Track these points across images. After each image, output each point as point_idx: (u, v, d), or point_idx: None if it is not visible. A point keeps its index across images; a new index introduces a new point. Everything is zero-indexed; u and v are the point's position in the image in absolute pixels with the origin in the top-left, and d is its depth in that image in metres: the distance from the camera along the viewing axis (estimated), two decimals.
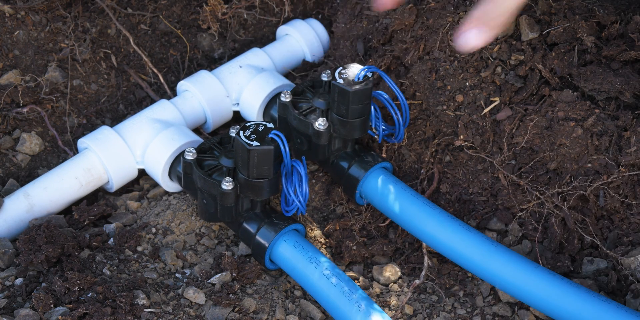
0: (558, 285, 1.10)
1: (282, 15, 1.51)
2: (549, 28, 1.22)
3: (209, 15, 1.44)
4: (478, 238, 1.16)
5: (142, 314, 1.11)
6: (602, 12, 1.20)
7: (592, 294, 1.09)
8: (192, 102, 1.35)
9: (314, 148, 1.22)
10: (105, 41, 1.45)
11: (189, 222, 1.27)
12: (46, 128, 1.39)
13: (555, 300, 1.10)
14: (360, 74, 1.16)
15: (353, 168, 1.25)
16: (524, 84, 1.23)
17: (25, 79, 1.37)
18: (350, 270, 1.26)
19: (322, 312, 1.19)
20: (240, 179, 1.13)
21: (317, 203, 1.32)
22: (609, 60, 1.19)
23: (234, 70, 1.38)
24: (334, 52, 1.43)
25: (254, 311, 1.16)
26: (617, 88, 1.16)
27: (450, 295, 1.23)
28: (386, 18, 1.36)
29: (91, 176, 1.27)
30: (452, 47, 1.26)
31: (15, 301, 1.12)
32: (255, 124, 1.12)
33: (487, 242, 1.16)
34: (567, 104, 1.18)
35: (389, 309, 1.21)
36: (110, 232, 1.24)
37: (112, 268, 1.19)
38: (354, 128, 1.19)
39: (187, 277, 1.20)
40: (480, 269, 1.16)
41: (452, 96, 1.26)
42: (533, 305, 1.13)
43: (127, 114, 1.45)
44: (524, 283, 1.12)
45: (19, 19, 1.39)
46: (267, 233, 1.18)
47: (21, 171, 1.35)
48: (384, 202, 1.23)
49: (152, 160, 1.27)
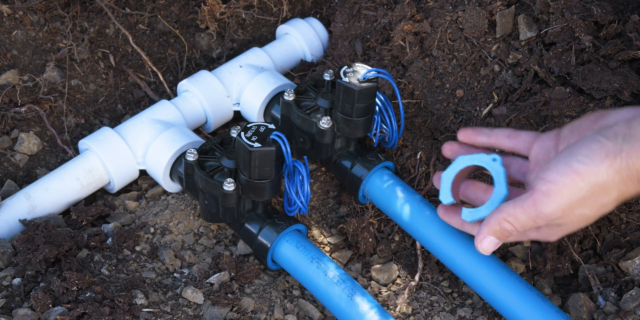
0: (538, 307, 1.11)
1: (280, 14, 1.51)
2: (547, 27, 1.22)
3: (207, 15, 1.43)
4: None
5: (140, 313, 1.11)
6: (600, 11, 1.20)
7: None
8: (192, 102, 1.35)
9: (317, 147, 1.23)
10: (103, 41, 1.45)
11: (188, 222, 1.27)
12: (44, 128, 1.39)
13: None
14: (367, 75, 1.16)
15: (356, 167, 1.25)
16: (521, 83, 1.23)
17: (23, 79, 1.37)
18: (350, 270, 1.26)
19: (321, 312, 1.19)
20: (242, 179, 1.13)
21: (316, 202, 1.32)
22: (607, 60, 1.19)
23: (234, 70, 1.38)
24: (333, 52, 1.43)
25: (253, 311, 1.16)
26: (615, 87, 1.16)
27: (448, 295, 1.23)
28: (384, 18, 1.36)
29: (92, 177, 1.27)
30: (451, 45, 1.26)
31: (13, 301, 1.12)
32: (257, 125, 1.12)
33: (488, 256, 1.16)
34: (560, 101, 1.18)
35: (388, 309, 1.21)
36: (109, 232, 1.24)
37: (110, 268, 1.19)
38: (358, 127, 1.20)
39: (185, 277, 1.20)
40: (470, 279, 1.17)
41: (451, 93, 1.26)
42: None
43: (125, 113, 1.45)
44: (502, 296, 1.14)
45: (17, 18, 1.39)
46: (269, 233, 1.18)
47: (19, 171, 1.35)
48: (387, 201, 1.23)
49: (153, 161, 1.27)
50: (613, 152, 0.91)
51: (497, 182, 1.03)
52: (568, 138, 1.01)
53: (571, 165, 0.92)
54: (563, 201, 0.94)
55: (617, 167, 0.91)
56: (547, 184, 0.94)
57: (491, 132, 1.09)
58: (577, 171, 0.92)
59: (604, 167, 0.91)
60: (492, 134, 1.09)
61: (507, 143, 1.08)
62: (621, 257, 1.18)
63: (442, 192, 1.06)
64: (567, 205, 0.94)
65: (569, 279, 1.23)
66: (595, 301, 1.17)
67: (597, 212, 0.95)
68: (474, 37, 1.25)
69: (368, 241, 1.26)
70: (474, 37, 1.25)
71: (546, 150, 1.03)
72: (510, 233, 0.99)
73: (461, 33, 1.26)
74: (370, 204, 1.27)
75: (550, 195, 0.94)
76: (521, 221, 0.97)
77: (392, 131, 1.24)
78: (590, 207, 0.94)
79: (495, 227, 0.99)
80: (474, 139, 1.09)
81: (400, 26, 1.30)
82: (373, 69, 1.17)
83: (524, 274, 1.22)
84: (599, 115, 0.99)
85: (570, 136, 1.00)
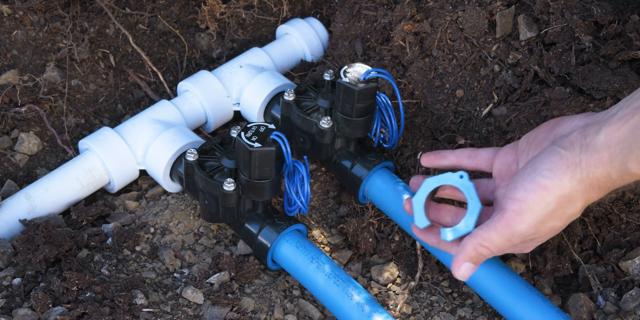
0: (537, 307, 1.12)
1: (280, 14, 1.51)
2: (547, 27, 1.22)
3: (207, 15, 1.43)
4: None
5: (140, 313, 1.11)
6: (600, 11, 1.20)
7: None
8: (192, 102, 1.35)
9: (317, 147, 1.23)
10: (103, 41, 1.45)
11: (188, 222, 1.27)
12: (44, 128, 1.39)
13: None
14: (367, 75, 1.16)
15: (356, 167, 1.25)
16: (521, 83, 1.23)
17: (23, 79, 1.37)
18: (349, 269, 1.26)
19: (321, 312, 1.19)
20: (242, 180, 1.13)
21: (315, 202, 1.32)
22: (607, 60, 1.19)
23: (235, 70, 1.38)
24: (333, 52, 1.43)
25: (253, 311, 1.16)
26: (615, 87, 1.16)
27: (448, 295, 1.23)
28: (384, 18, 1.36)
29: (92, 177, 1.27)
30: (451, 45, 1.27)
31: (13, 301, 1.12)
32: (257, 125, 1.12)
33: None
34: (560, 101, 1.18)
35: (388, 309, 1.21)
36: (109, 232, 1.24)
37: (110, 268, 1.19)
38: (358, 127, 1.20)
39: (185, 277, 1.20)
40: (470, 279, 1.17)
41: (451, 94, 1.26)
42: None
43: (125, 113, 1.45)
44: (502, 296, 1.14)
45: (17, 18, 1.39)
46: (269, 233, 1.18)
47: (19, 171, 1.35)
48: (387, 201, 1.23)
49: (153, 161, 1.27)
50: (573, 163, 0.92)
51: (469, 197, 1.03)
52: (526, 150, 1.02)
53: (536, 181, 0.94)
54: (535, 217, 0.95)
55: (579, 177, 0.92)
56: (516, 202, 0.95)
57: (452, 154, 1.11)
58: (543, 186, 0.93)
59: (567, 178, 0.93)
60: (454, 155, 1.11)
61: (469, 163, 1.10)
62: (621, 257, 1.19)
63: (416, 216, 1.06)
64: (538, 221, 0.95)
65: (569, 279, 1.23)
66: (595, 301, 1.17)
67: (566, 222, 0.97)
68: (474, 37, 1.25)
69: (368, 241, 1.26)
70: (474, 37, 1.25)
71: (507, 165, 1.05)
72: (487, 256, 1.00)
73: (461, 33, 1.26)
74: (370, 204, 1.27)
75: (521, 213, 0.95)
76: (497, 244, 0.98)
77: (392, 131, 1.24)
78: (559, 219, 0.96)
79: (471, 253, 1.00)
80: (437, 163, 1.12)
81: (400, 26, 1.30)
82: (373, 69, 1.17)
83: (524, 274, 1.22)
84: (554, 123, 1.00)
85: (529, 148, 1.02)
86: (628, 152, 0.88)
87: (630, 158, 0.88)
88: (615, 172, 0.90)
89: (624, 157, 0.89)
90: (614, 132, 0.89)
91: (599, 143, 0.90)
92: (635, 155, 0.88)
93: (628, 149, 0.88)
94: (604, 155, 0.90)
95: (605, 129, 0.90)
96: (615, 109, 0.92)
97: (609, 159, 0.90)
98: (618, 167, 0.89)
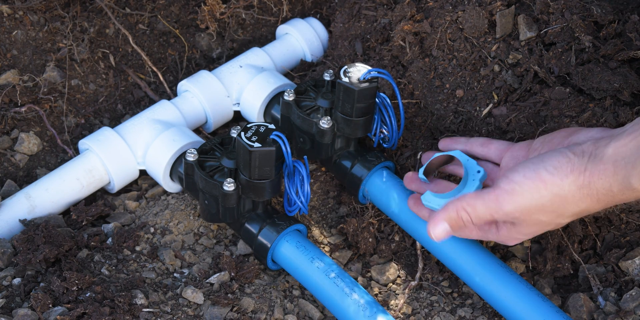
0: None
1: (280, 14, 1.51)
2: (547, 27, 1.22)
3: (207, 15, 1.43)
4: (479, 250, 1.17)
5: (140, 313, 1.11)
6: (600, 11, 1.20)
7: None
8: (192, 102, 1.35)
9: (317, 147, 1.23)
10: (103, 41, 1.45)
11: (188, 222, 1.27)
12: (44, 128, 1.39)
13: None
14: (367, 75, 1.16)
15: (356, 167, 1.25)
16: (521, 83, 1.23)
17: (23, 79, 1.37)
18: (350, 269, 1.26)
19: (321, 312, 1.19)
20: (242, 180, 1.13)
21: (315, 202, 1.32)
22: (607, 60, 1.19)
23: (234, 70, 1.38)
24: (333, 52, 1.43)
25: (253, 311, 1.16)
26: (615, 87, 1.16)
27: (448, 295, 1.23)
28: (384, 18, 1.36)
29: (92, 177, 1.27)
30: (451, 45, 1.26)
31: (13, 301, 1.12)
32: (257, 125, 1.12)
33: (488, 256, 1.16)
34: (560, 101, 1.18)
35: (388, 309, 1.21)
36: (109, 232, 1.24)
37: (110, 268, 1.19)
38: (358, 127, 1.20)
39: (185, 277, 1.20)
40: (470, 279, 1.17)
41: (451, 93, 1.26)
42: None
43: (125, 113, 1.45)
44: (502, 296, 1.14)
45: (17, 18, 1.39)
46: (269, 233, 1.18)
47: (19, 171, 1.35)
48: (387, 201, 1.23)
49: (153, 161, 1.27)
50: (578, 169, 0.95)
51: (471, 177, 1.08)
52: (539, 150, 1.06)
53: (538, 172, 0.96)
54: (524, 202, 0.97)
55: (580, 184, 0.95)
56: (511, 183, 0.98)
57: (467, 141, 1.16)
58: (543, 179, 0.96)
59: (568, 181, 0.95)
60: (468, 142, 1.16)
61: (480, 150, 1.14)
62: (621, 257, 1.19)
63: (421, 169, 1.13)
64: (526, 208, 0.98)
65: (569, 279, 1.23)
66: (595, 301, 1.17)
67: (553, 221, 1.00)
68: (474, 37, 1.25)
69: (368, 241, 1.26)
70: (474, 37, 1.25)
71: (516, 160, 1.09)
72: (465, 224, 1.02)
73: (461, 33, 1.26)
74: (370, 204, 1.28)
75: (512, 194, 0.98)
76: (479, 213, 1.00)
77: (392, 131, 1.24)
78: (548, 215, 0.98)
79: (452, 214, 1.02)
80: (451, 147, 1.17)
81: (400, 26, 1.30)
82: (373, 69, 1.17)
83: (524, 274, 1.23)
84: (572, 131, 1.04)
85: (541, 148, 1.06)
86: (632, 167, 0.91)
87: (634, 173, 0.91)
88: (617, 185, 0.92)
89: (628, 171, 0.91)
90: (622, 146, 0.92)
91: (606, 155, 0.93)
92: (638, 170, 0.90)
93: (632, 164, 0.91)
94: (609, 168, 0.93)
95: (614, 143, 0.93)
96: (628, 125, 0.95)
97: (613, 171, 0.92)
98: (620, 180, 0.92)
